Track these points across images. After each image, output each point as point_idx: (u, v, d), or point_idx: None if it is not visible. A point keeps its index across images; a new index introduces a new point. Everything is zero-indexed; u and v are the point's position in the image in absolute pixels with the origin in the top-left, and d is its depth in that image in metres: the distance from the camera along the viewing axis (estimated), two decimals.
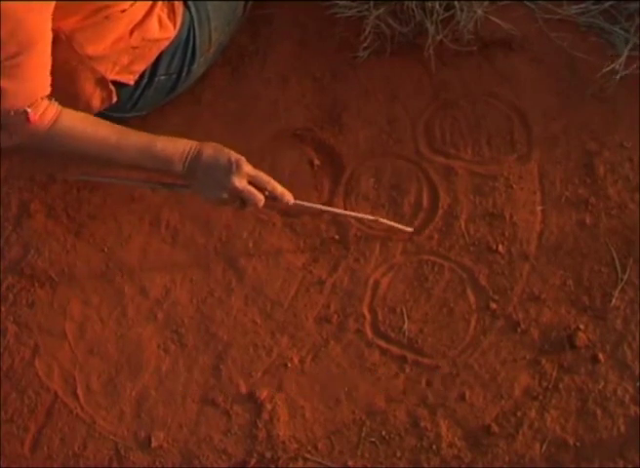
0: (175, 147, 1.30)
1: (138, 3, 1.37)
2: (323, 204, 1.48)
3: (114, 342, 1.43)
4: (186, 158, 1.29)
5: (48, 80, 1.24)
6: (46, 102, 1.24)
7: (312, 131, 1.56)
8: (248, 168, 1.29)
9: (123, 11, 1.34)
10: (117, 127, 1.31)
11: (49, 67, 1.24)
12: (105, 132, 1.29)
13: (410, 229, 1.44)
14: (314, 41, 1.65)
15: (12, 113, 1.20)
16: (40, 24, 1.18)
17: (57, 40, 1.30)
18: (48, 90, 1.24)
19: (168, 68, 1.49)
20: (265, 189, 1.31)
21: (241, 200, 1.31)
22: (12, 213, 1.55)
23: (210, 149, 1.30)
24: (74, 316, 1.45)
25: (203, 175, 1.29)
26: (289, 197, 1.34)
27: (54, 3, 1.19)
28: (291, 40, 1.67)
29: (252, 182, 1.30)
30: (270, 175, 1.30)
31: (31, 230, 1.52)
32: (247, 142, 1.55)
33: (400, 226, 1.44)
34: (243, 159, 1.29)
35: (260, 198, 1.30)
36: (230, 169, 1.28)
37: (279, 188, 1.32)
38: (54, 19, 1.24)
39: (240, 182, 1.28)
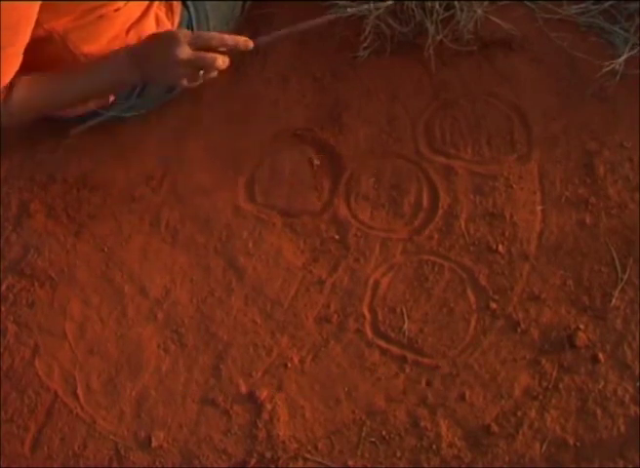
0: (106, 57, 1.31)
1: (132, 2, 1.37)
2: (322, 203, 1.48)
3: (114, 342, 1.43)
4: (131, 64, 1.27)
5: (9, 74, 1.24)
6: None
7: (312, 131, 1.56)
8: (184, 35, 1.22)
9: (117, 10, 1.34)
10: (58, 75, 1.31)
11: (13, 62, 1.24)
12: (50, 84, 1.30)
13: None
14: (314, 41, 1.66)
15: None
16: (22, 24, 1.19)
17: (51, 40, 1.31)
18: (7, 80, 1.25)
19: None
20: (214, 46, 1.24)
21: (200, 69, 1.25)
22: (12, 213, 1.55)
23: (144, 41, 1.29)
24: (74, 316, 1.45)
25: (151, 67, 1.26)
26: (245, 42, 1.25)
27: (39, 4, 1.18)
28: (291, 40, 1.67)
29: (201, 47, 1.23)
30: (270, 176, 1.29)
31: (31, 230, 1.53)
32: (247, 142, 1.55)
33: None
34: (175, 30, 1.26)
35: (214, 57, 1.22)
36: (169, 43, 1.22)
37: (230, 40, 1.24)
38: (47, 20, 1.24)
39: (183, 52, 1.21)
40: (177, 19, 1.45)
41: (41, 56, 1.28)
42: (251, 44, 1.26)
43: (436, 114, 1.54)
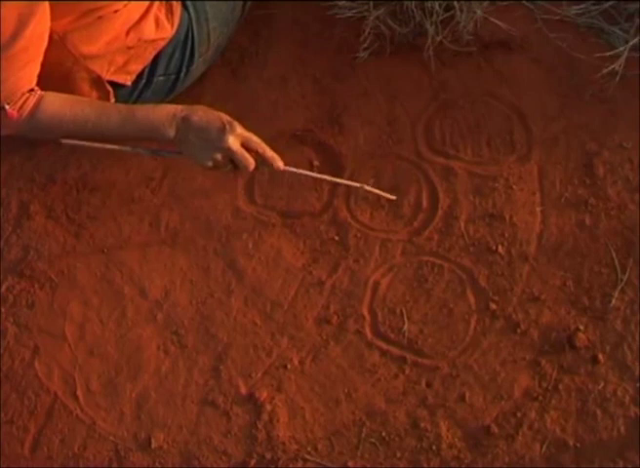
0: (157, 113, 1.30)
1: (132, 3, 1.37)
2: (322, 204, 1.48)
3: (114, 343, 1.43)
4: (173, 120, 1.28)
5: (31, 76, 1.24)
6: (25, 95, 1.24)
7: (312, 131, 1.56)
8: (241, 129, 1.28)
9: (116, 11, 1.34)
10: (97, 103, 1.30)
11: (35, 62, 1.24)
12: (84, 110, 1.28)
13: (393, 197, 1.46)
14: (314, 42, 1.65)
15: None
16: (35, 26, 1.18)
17: (50, 41, 1.31)
18: (30, 85, 1.25)
19: (166, 69, 1.49)
20: (257, 152, 1.29)
21: (232, 164, 1.29)
22: (12, 214, 1.55)
23: (200, 111, 1.29)
24: (74, 317, 1.45)
25: (195, 136, 1.27)
26: (279, 162, 1.32)
27: (47, 4, 1.19)
28: (291, 41, 1.67)
29: (243, 144, 1.28)
30: (270, 177, 1.29)
31: (31, 231, 1.53)
32: None
33: (385, 194, 1.45)
34: (235, 121, 1.28)
35: (252, 161, 1.28)
36: (224, 128, 1.26)
37: (269, 152, 1.31)
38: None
39: (234, 142, 1.26)
40: (176, 21, 1.45)
41: (44, 61, 1.28)
42: (282, 166, 1.32)
43: (436, 115, 1.54)
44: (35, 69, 1.25)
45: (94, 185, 1.56)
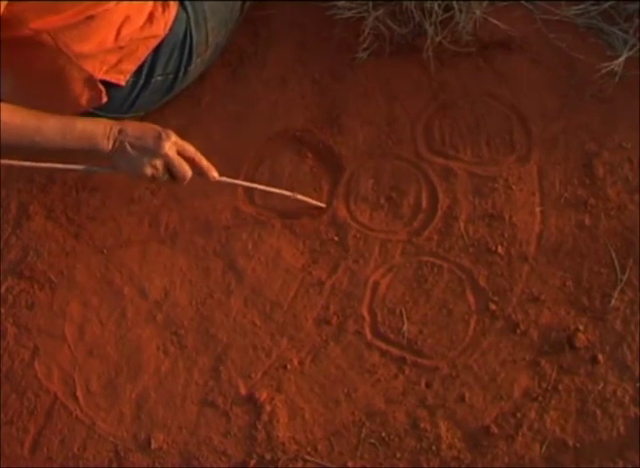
0: (95, 125, 1.29)
1: (124, 2, 1.37)
2: (324, 203, 1.48)
3: (114, 344, 1.43)
4: (111, 132, 1.28)
5: None
6: None
7: (312, 132, 1.56)
8: (176, 137, 1.29)
9: (107, 10, 1.34)
10: (35, 112, 1.28)
11: None
12: (22, 118, 1.26)
13: (323, 205, 1.47)
14: (313, 42, 1.65)
15: None
16: None
17: (41, 41, 1.31)
18: None
19: (165, 69, 1.49)
20: (193, 161, 1.31)
21: (169, 174, 1.31)
22: (11, 215, 1.55)
23: (134, 123, 1.31)
24: (74, 318, 1.45)
25: (132, 146, 1.28)
26: (214, 173, 1.35)
27: (5, 3, 1.18)
28: (290, 41, 1.67)
29: (179, 153, 1.30)
30: (269, 177, 1.30)
31: (30, 232, 1.53)
32: (246, 144, 1.55)
33: (315, 202, 1.47)
34: (169, 130, 1.30)
35: (189, 170, 1.31)
36: (160, 135, 1.28)
37: (205, 161, 1.33)
38: (35, 18, 1.24)
39: (171, 149, 1.28)
40: (170, 19, 1.44)
41: (36, 59, 1.29)
42: (217, 176, 1.35)
43: (435, 115, 1.54)
44: None
45: (93, 186, 1.56)
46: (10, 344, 1.45)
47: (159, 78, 1.50)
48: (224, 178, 1.37)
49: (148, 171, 1.29)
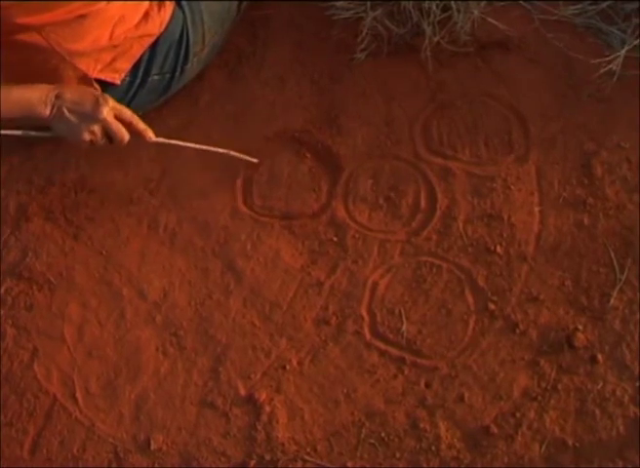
0: (32, 91, 1.32)
1: (117, 2, 1.37)
2: (320, 205, 1.48)
3: (113, 345, 1.43)
4: (48, 98, 1.31)
5: None
6: None
7: (310, 132, 1.56)
8: (113, 102, 1.33)
9: (99, 9, 1.34)
10: None
11: None
12: None
13: (255, 160, 1.50)
14: (312, 43, 1.65)
15: None
16: None
17: (34, 40, 1.31)
18: None
19: (161, 68, 1.49)
20: (130, 124, 1.35)
21: (107, 136, 1.34)
22: (10, 216, 1.55)
23: (72, 88, 1.34)
24: (73, 319, 1.45)
25: (70, 111, 1.31)
26: (150, 133, 1.39)
27: None
28: (288, 42, 1.67)
29: (117, 117, 1.33)
30: (268, 178, 1.30)
31: (29, 233, 1.53)
32: (245, 144, 1.55)
33: (248, 158, 1.49)
34: (106, 94, 1.33)
35: (126, 133, 1.35)
36: (98, 101, 1.31)
37: (142, 124, 1.38)
38: (22, 15, 1.24)
39: (109, 113, 1.31)
40: (166, 18, 1.45)
41: (29, 59, 1.29)
42: (153, 137, 1.40)
43: (433, 115, 1.54)
44: None
45: (92, 187, 1.56)
46: (9, 346, 1.44)
47: (156, 77, 1.50)
48: (161, 139, 1.42)
49: (87, 136, 1.33)
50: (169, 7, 1.46)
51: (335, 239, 1.46)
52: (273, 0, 1.70)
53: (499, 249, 1.41)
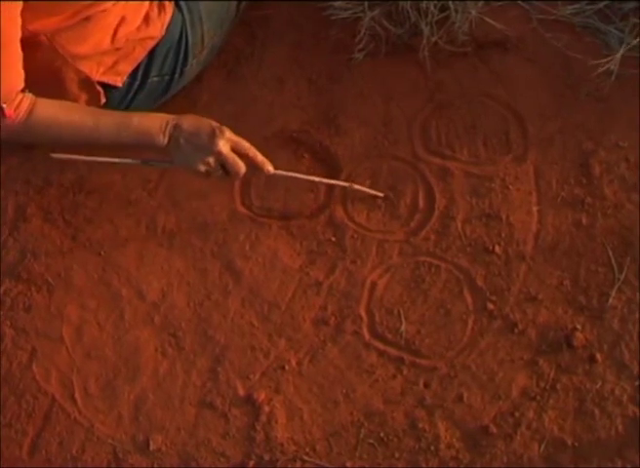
0: (151, 120, 1.33)
1: (120, 3, 1.37)
2: (318, 205, 1.48)
3: (112, 346, 1.43)
4: (166, 128, 1.31)
5: (21, 75, 1.26)
6: (20, 95, 1.25)
7: (308, 132, 1.56)
8: (230, 133, 1.32)
9: (104, 11, 1.34)
10: (91, 109, 1.33)
11: (21, 62, 1.24)
12: (80, 115, 1.31)
13: (381, 194, 1.47)
14: (310, 43, 1.66)
15: None
16: (7, 24, 1.18)
17: (38, 42, 1.31)
18: (22, 84, 1.26)
19: (160, 70, 1.49)
20: (247, 156, 1.33)
21: (223, 169, 1.33)
22: (8, 217, 1.55)
23: (189, 118, 1.33)
24: (71, 320, 1.45)
25: (187, 142, 1.31)
26: (269, 166, 1.36)
27: (21, 3, 1.19)
28: (286, 42, 1.67)
29: (233, 149, 1.32)
30: (266, 178, 1.30)
31: (28, 234, 1.52)
32: None
33: (373, 192, 1.47)
34: (224, 126, 1.32)
35: (242, 166, 1.33)
36: (214, 132, 1.30)
37: (260, 156, 1.35)
38: (32, 20, 1.24)
39: (225, 146, 1.30)
40: (167, 20, 1.45)
41: (31, 60, 1.29)
42: (272, 170, 1.37)
43: (432, 115, 1.54)
44: (21, 66, 1.25)
45: (90, 188, 1.56)
46: (8, 347, 1.44)
47: (155, 79, 1.50)
48: (280, 172, 1.39)
49: (202, 167, 1.32)
50: (169, 9, 1.46)
51: (333, 239, 1.46)
52: (271, 0, 1.70)
53: (497, 248, 1.41)
